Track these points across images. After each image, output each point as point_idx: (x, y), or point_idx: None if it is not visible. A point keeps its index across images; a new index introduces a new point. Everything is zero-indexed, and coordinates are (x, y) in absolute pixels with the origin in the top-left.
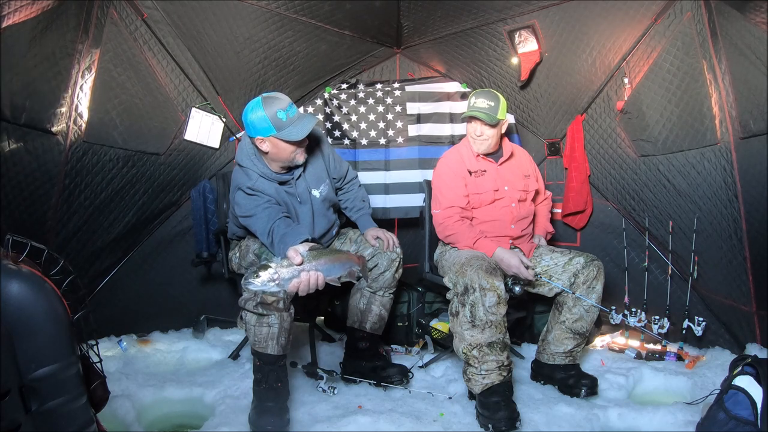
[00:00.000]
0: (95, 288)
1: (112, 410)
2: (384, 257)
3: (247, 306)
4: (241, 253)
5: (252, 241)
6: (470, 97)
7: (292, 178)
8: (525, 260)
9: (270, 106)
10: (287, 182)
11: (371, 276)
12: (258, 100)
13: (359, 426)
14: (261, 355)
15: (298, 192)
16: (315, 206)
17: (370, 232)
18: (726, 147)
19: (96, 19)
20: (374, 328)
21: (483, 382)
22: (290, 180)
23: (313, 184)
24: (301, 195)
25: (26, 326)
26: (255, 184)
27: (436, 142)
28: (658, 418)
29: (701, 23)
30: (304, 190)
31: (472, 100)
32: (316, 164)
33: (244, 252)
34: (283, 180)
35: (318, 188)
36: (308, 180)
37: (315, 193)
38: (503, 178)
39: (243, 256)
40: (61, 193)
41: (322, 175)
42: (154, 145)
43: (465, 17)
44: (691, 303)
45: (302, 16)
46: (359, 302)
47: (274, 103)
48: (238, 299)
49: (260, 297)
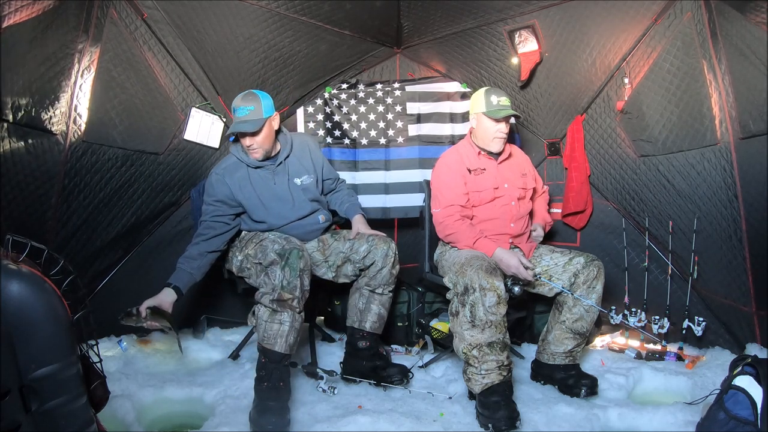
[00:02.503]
0: (95, 288)
1: (112, 410)
2: (378, 253)
3: (263, 300)
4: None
5: (271, 242)
6: (486, 96)
7: (272, 165)
8: (524, 261)
9: (234, 100)
10: (264, 167)
11: (369, 274)
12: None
13: (359, 426)
14: (268, 351)
15: (276, 178)
16: (294, 191)
17: (357, 221)
18: (726, 147)
19: (96, 18)
20: (374, 327)
21: (483, 381)
22: (269, 166)
23: (295, 174)
24: (278, 180)
25: (26, 326)
26: (226, 167)
27: (436, 142)
28: (658, 418)
29: (701, 23)
30: (282, 177)
31: (493, 99)
32: (303, 160)
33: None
34: (261, 165)
35: (300, 177)
36: (290, 169)
37: (297, 181)
38: (503, 176)
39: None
40: (60, 193)
41: (308, 169)
42: (153, 144)
43: (465, 17)
44: (691, 303)
45: (302, 16)
46: (358, 301)
47: (236, 99)
48: (237, 299)
49: (278, 293)
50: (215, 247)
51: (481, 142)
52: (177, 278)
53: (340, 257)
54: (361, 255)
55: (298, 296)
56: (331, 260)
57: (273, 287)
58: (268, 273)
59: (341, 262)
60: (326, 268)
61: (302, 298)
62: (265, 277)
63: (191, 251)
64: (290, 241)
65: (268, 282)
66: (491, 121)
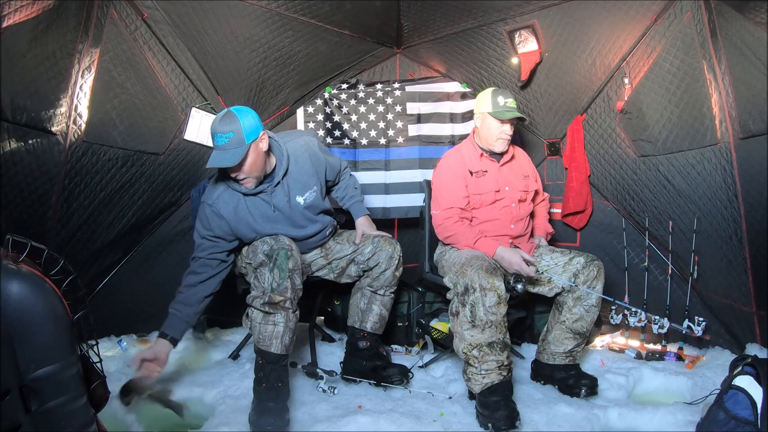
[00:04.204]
0: (95, 288)
1: (112, 410)
2: (383, 255)
3: (254, 303)
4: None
5: (261, 241)
6: (493, 96)
7: (268, 187)
8: (526, 256)
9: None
10: (263, 191)
11: (372, 275)
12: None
13: (359, 426)
14: (264, 353)
15: (274, 201)
16: (297, 211)
17: (361, 223)
18: (726, 147)
19: (96, 18)
20: (375, 327)
21: (483, 381)
22: (266, 189)
23: (297, 191)
24: (278, 202)
25: (26, 326)
26: (219, 197)
27: (436, 142)
28: (658, 418)
29: (701, 23)
30: (282, 198)
31: (500, 100)
32: (303, 172)
33: (250, 252)
34: (258, 191)
35: (303, 195)
36: (290, 188)
37: (299, 200)
38: (504, 179)
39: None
40: (60, 193)
41: (309, 182)
42: (153, 145)
43: (465, 17)
44: (691, 303)
45: (302, 16)
46: (360, 302)
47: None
48: (237, 299)
49: (268, 296)
50: (213, 290)
51: (484, 142)
52: (172, 328)
53: (344, 260)
54: (365, 256)
55: (290, 297)
56: (334, 264)
57: (263, 290)
58: (257, 275)
59: (345, 264)
60: (328, 270)
61: (295, 297)
62: (254, 280)
63: (188, 297)
64: (279, 241)
65: (258, 285)
66: (496, 122)
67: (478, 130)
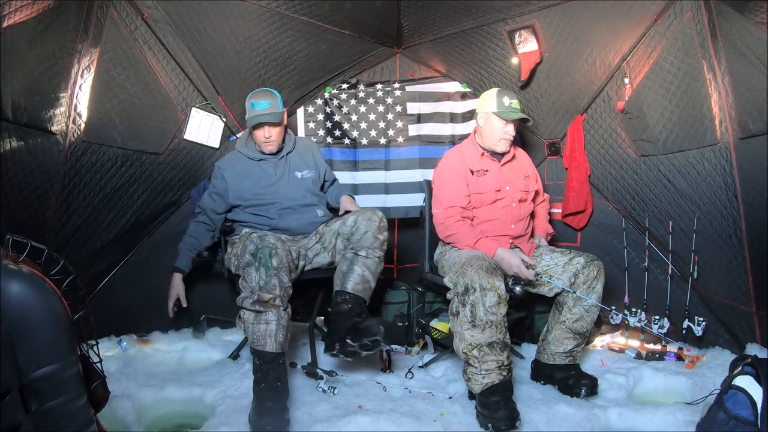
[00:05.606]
0: (95, 288)
1: (112, 410)
2: (363, 218)
3: (244, 304)
4: (236, 252)
5: (249, 241)
6: (498, 96)
7: (273, 158)
8: (526, 259)
9: (250, 96)
10: (266, 159)
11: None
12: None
13: (359, 426)
14: (260, 353)
15: (277, 169)
16: (294, 183)
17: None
18: (726, 147)
19: (96, 18)
20: (357, 289)
21: (483, 381)
22: (270, 159)
23: (296, 168)
24: (279, 172)
25: (26, 326)
26: (227, 160)
27: (436, 142)
28: (658, 418)
29: (701, 23)
30: (283, 170)
31: (505, 100)
32: (305, 156)
33: (240, 252)
34: (263, 158)
35: (301, 171)
36: (292, 163)
37: (297, 174)
38: (505, 178)
39: (239, 255)
40: (60, 193)
41: (309, 164)
42: (153, 144)
43: (465, 17)
44: (691, 303)
45: (302, 15)
46: (342, 265)
47: (253, 95)
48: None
49: (257, 295)
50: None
51: (486, 141)
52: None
53: (332, 235)
54: (348, 226)
55: (278, 294)
56: (326, 243)
57: (251, 290)
58: (245, 276)
59: (333, 239)
60: (324, 253)
61: (284, 295)
62: (242, 281)
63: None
64: (264, 240)
65: (246, 285)
66: (501, 122)
67: (481, 130)
